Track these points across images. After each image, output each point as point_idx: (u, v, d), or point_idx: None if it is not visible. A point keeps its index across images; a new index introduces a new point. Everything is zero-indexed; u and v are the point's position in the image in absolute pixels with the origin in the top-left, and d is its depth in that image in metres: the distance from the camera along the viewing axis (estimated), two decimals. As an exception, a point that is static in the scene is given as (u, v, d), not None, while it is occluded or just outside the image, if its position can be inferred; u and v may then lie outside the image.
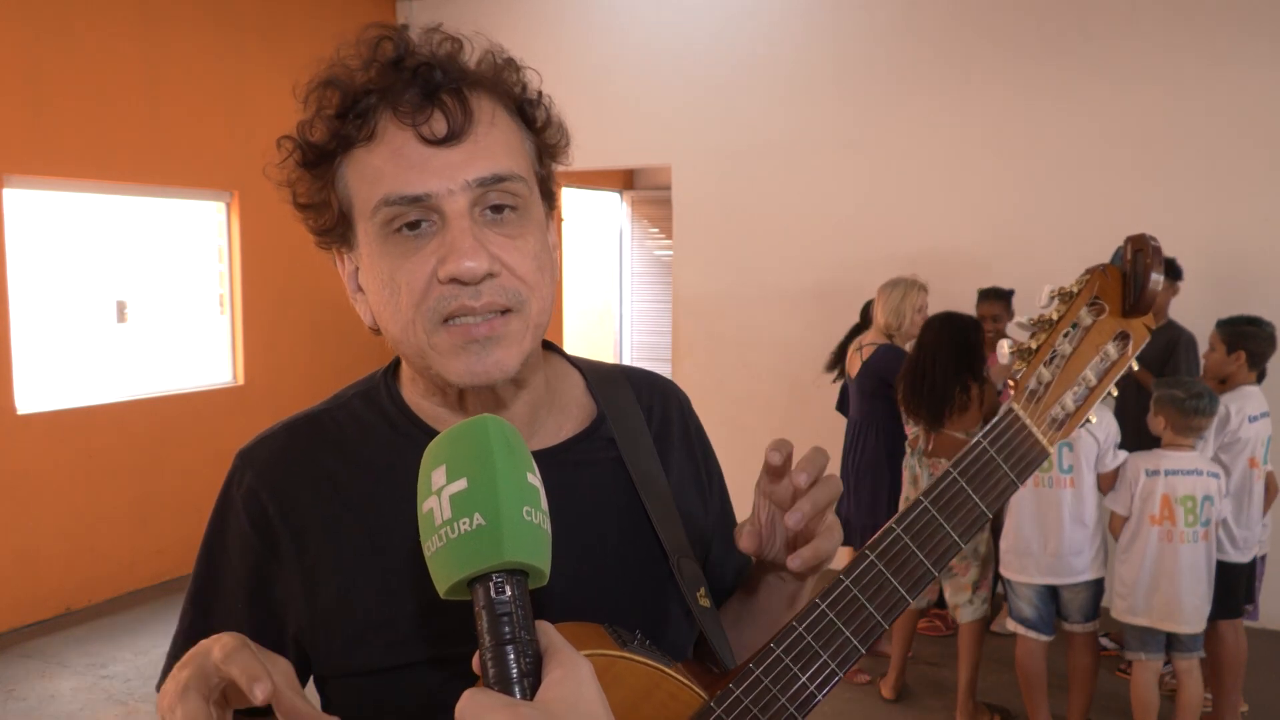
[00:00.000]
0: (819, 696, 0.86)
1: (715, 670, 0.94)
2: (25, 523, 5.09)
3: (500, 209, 0.87)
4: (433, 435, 0.72)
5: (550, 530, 0.69)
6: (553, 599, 0.86)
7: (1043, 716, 3.67)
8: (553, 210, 0.97)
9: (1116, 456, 3.52)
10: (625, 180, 9.39)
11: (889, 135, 5.68)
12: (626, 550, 0.97)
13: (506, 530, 0.64)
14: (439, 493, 0.67)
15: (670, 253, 7.28)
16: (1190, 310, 4.48)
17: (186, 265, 6.23)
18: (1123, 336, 0.97)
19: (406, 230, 0.85)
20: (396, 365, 1.01)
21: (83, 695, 4.34)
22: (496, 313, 0.86)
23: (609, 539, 0.96)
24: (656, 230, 9.29)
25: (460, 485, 0.66)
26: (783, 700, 0.85)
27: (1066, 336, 0.96)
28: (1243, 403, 3.79)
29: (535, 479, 0.69)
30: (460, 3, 6.73)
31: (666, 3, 6.24)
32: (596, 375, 1.07)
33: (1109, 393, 0.98)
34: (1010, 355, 0.97)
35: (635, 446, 1.01)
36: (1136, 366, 0.99)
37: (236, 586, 0.94)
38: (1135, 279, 0.95)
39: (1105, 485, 3.54)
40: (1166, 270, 4.34)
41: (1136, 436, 3.72)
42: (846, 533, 5.05)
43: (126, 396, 5.61)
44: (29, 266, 5.31)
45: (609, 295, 9.70)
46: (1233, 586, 3.62)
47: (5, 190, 4.95)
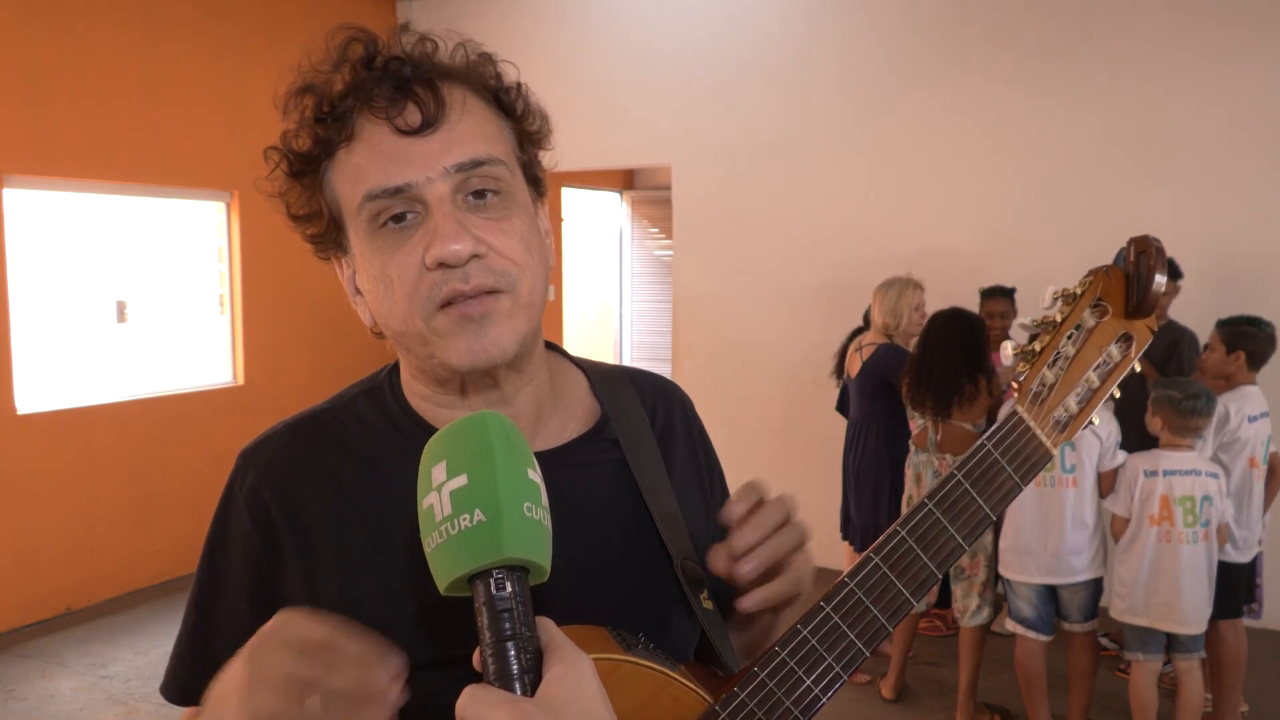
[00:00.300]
0: (823, 699, 0.87)
1: (719, 673, 0.94)
2: (25, 523, 5.09)
3: (483, 194, 0.87)
4: (433, 433, 0.72)
5: (551, 526, 0.69)
6: (555, 600, 0.86)
7: (1043, 716, 3.67)
8: (542, 196, 0.97)
9: (1116, 457, 3.52)
10: (625, 180, 9.39)
11: (889, 135, 5.68)
12: (630, 552, 0.97)
13: (507, 526, 0.64)
14: (439, 489, 0.67)
15: (670, 253, 7.28)
16: (1190, 310, 4.47)
17: (186, 265, 6.23)
18: (1125, 338, 0.97)
19: (392, 224, 0.86)
20: (399, 364, 1.01)
21: (83, 695, 4.34)
22: (488, 294, 0.86)
23: (612, 540, 0.96)
24: (656, 230, 9.29)
25: (460, 481, 0.66)
26: (787, 703, 0.86)
27: (1070, 338, 0.96)
28: (1242, 402, 3.79)
29: (536, 475, 0.69)
30: (460, 3, 6.73)
31: (666, 3, 6.24)
32: (600, 376, 1.07)
33: (1111, 394, 0.98)
34: (1014, 357, 0.97)
35: (638, 448, 1.01)
36: (1139, 368, 0.99)
37: (239, 586, 0.93)
38: (1138, 280, 0.95)
39: (1105, 485, 3.54)
40: (1167, 270, 4.33)
41: (1138, 436, 3.72)
42: (846, 532, 5.00)
43: (126, 396, 5.61)
44: (29, 266, 5.30)
45: (609, 295, 9.70)
46: (1233, 586, 3.62)
47: (5, 190, 4.95)
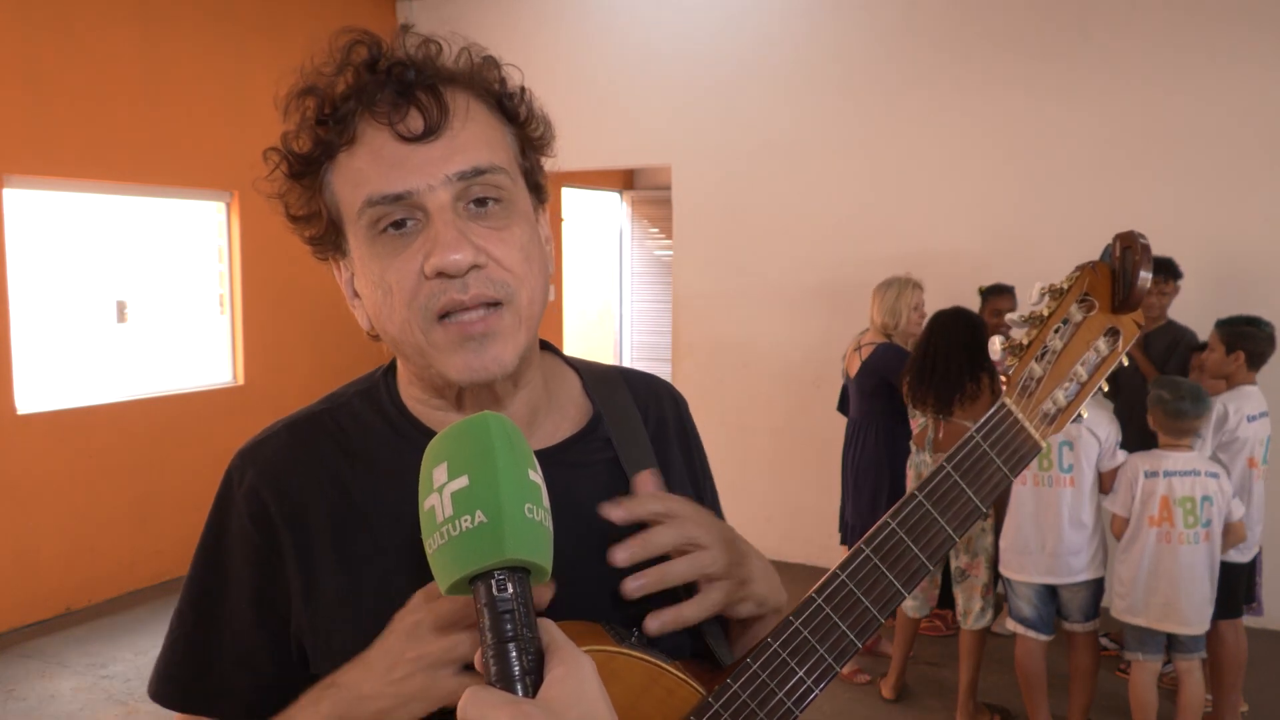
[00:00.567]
0: (816, 691, 0.87)
1: (712, 667, 0.94)
2: (25, 523, 5.09)
3: (484, 202, 0.87)
4: (430, 437, 0.72)
5: (552, 527, 0.69)
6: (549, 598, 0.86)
7: (1043, 716, 3.67)
8: (543, 203, 0.97)
9: (1116, 457, 3.52)
10: (625, 180, 9.39)
11: (890, 135, 5.68)
12: None
13: (508, 527, 0.64)
14: (440, 490, 0.67)
15: (670, 253, 7.28)
16: (1190, 310, 4.47)
17: (186, 265, 6.23)
18: (1113, 332, 0.98)
19: (392, 230, 0.86)
20: (394, 365, 1.01)
21: (83, 695, 4.34)
22: (487, 305, 0.86)
23: (604, 539, 0.96)
24: (656, 230, 9.29)
25: (462, 482, 0.66)
26: (779, 695, 0.86)
27: (1057, 332, 0.97)
28: (1241, 402, 3.79)
29: (537, 476, 0.69)
30: (460, 3, 6.73)
31: (666, 3, 6.24)
32: (593, 376, 1.07)
33: (1101, 389, 0.99)
34: (1002, 351, 0.98)
35: (631, 447, 1.01)
36: (1127, 362, 1.00)
37: (240, 586, 0.93)
38: (1124, 276, 0.96)
39: (1106, 485, 3.54)
40: (1166, 270, 4.33)
41: (1139, 437, 3.72)
42: (846, 533, 4.98)
43: (126, 396, 5.61)
44: (29, 266, 5.30)
45: (609, 295, 9.70)
46: (1233, 586, 3.62)
47: (5, 190, 4.95)
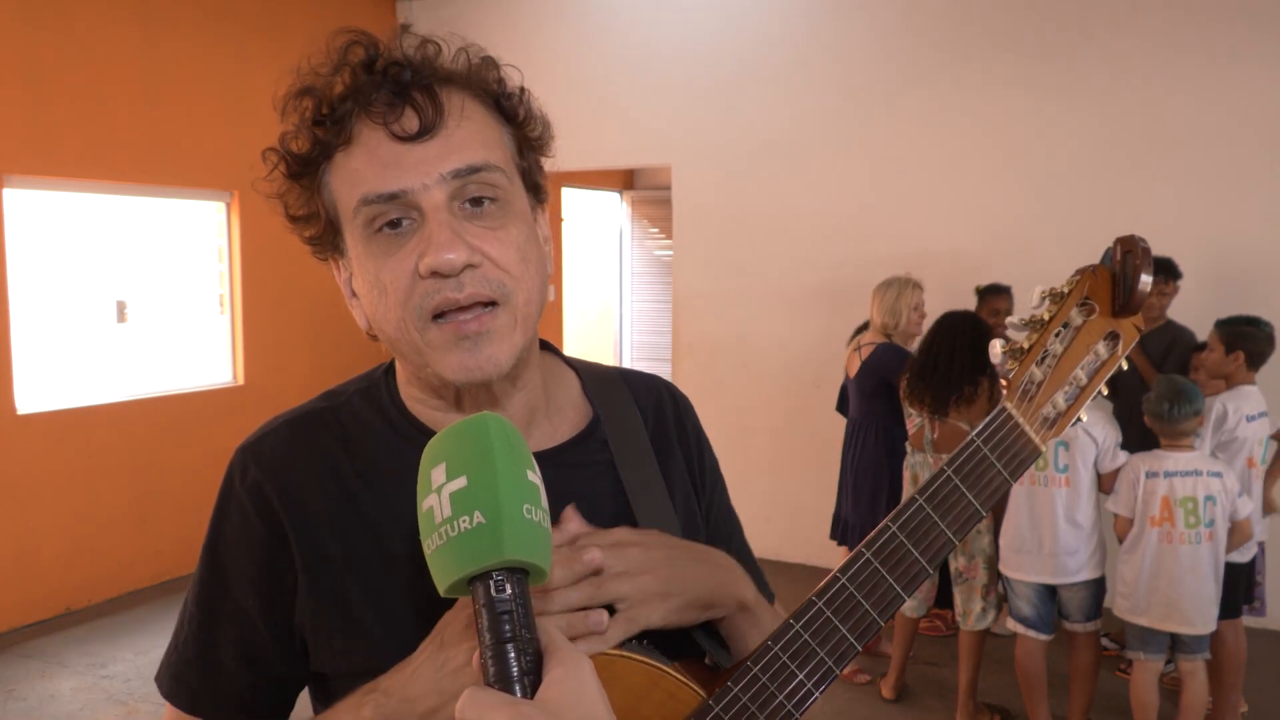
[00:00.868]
0: (816, 694, 0.87)
1: (712, 668, 0.94)
2: (25, 523, 5.09)
3: (480, 201, 0.87)
4: (429, 436, 0.72)
5: (551, 528, 0.69)
6: None
7: (1043, 716, 3.67)
8: (541, 203, 0.97)
9: (1117, 458, 3.51)
10: (625, 180, 9.39)
11: (890, 135, 5.68)
12: None
13: (507, 528, 0.64)
14: (439, 490, 0.67)
15: (670, 253, 7.28)
16: (1190, 310, 4.47)
17: (186, 265, 6.23)
18: (1113, 336, 0.98)
19: (388, 229, 0.86)
20: (394, 364, 1.01)
21: (83, 695, 4.34)
22: (482, 305, 0.86)
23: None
24: (656, 230, 9.29)
25: (460, 483, 0.66)
26: (780, 698, 0.86)
27: (1058, 336, 0.97)
28: (1240, 402, 3.80)
29: (535, 477, 0.69)
30: (460, 3, 6.73)
31: (666, 3, 6.24)
32: (593, 377, 1.06)
33: (1100, 392, 0.99)
34: (1002, 355, 0.98)
35: (629, 450, 1.01)
36: (1126, 366, 1.00)
37: (244, 583, 0.93)
38: (1125, 280, 0.96)
39: (1107, 486, 3.54)
40: (1166, 270, 4.33)
41: (1139, 438, 3.72)
42: (845, 533, 4.97)
43: (126, 396, 5.62)
44: (29, 266, 5.30)
45: (609, 295, 9.70)
46: (1232, 586, 3.62)
47: (5, 190, 4.95)
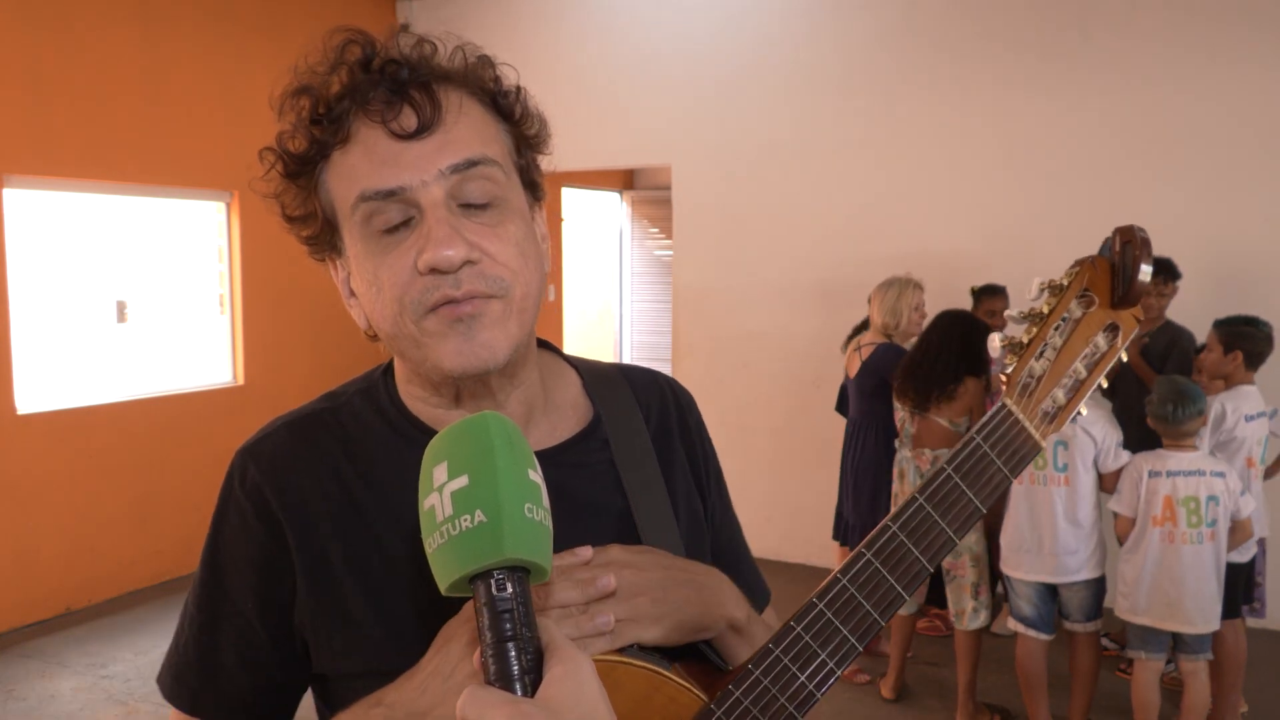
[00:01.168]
0: (818, 695, 0.87)
1: (713, 671, 0.94)
2: (25, 523, 5.09)
3: (478, 197, 0.87)
4: (429, 435, 0.72)
5: (552, 527, 0.69)
6: None
7: (1043, 716, 3.67)
8: (539, 201, 0.97)
9: (1119, 457, 3.51)
10: (625, 180, 9.39)
11: (890, 135, 5.68)
12: None
13: (507, 527, 0.64)
14: (440, 489, 0.67)
15: (670, 253, 7.28)
16: (1190, 310, 4.47)
17: (186, 265, 6.23)
18: (1112, 328, 0.96)
19: (386, 225, 0.86)
20: (393, 364, 1.01)
21: (83, 695, 4.34)
22: (480, 299, 0.86)
23: (601, 542, 0.95)
24: (656, 230, 9.30)
25: (461, 482, 0.66)
26: (782, 700, 0.86)
27: (1057, 329, 0.96)
28: (1239, 402, 3.79)
29: (536, 475, 0.69)
30: (460, 3, 6.73)
31: (666, 3, 6.24)
32: (593, 375, 1.06)
33: (1099, 386, 0.98)
34: (1001, 349, 0.97)
35: (630, 449, 1.01)
36: (1125, 358, 0.98)
37: (243, 584, 0.93)
38: (1124, 271, 0.94)
39: (1109, 486, 3.54)
40: (1165, 271, 4.34)
41: (1139, 438, 3.72)
42: (845, 533, 4.97)
43: (126, 396, 5.62)
44: (29, 266, 5.30)
45: (609, 295, 9.70)
46: (1232, 586, 3.62)
47: (5, 190, 4.95)
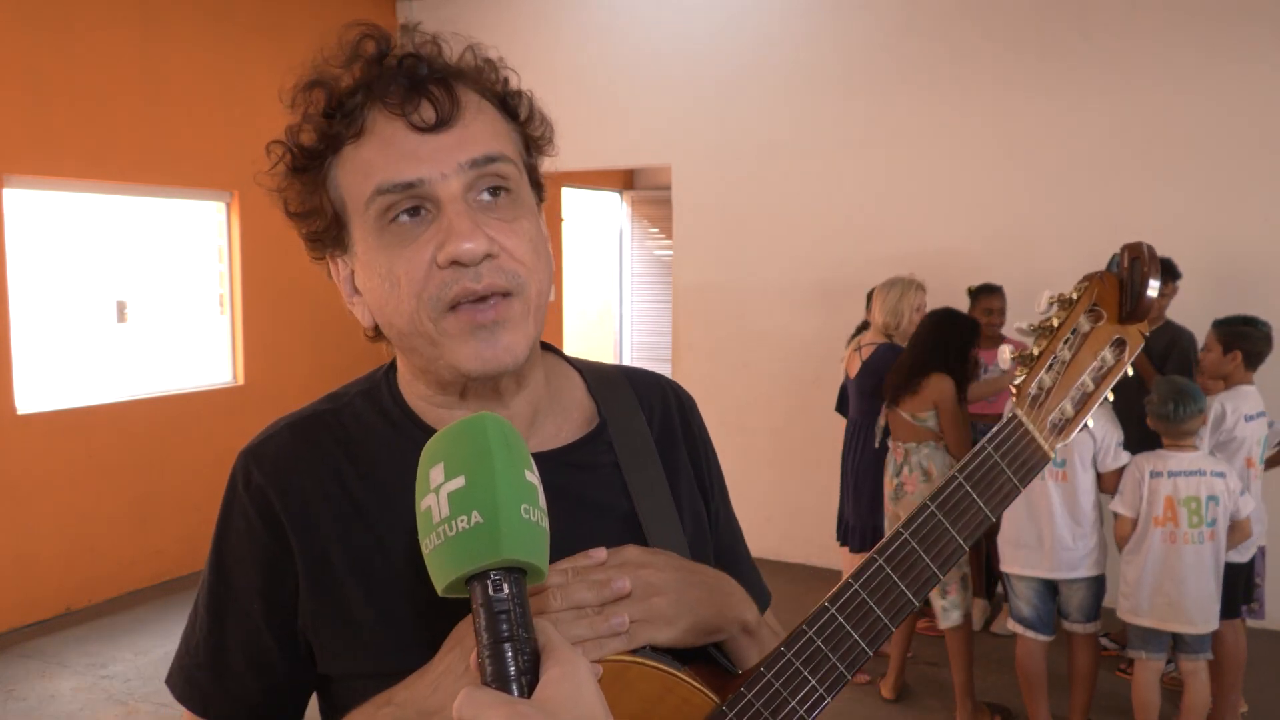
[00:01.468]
0: (828, 699, 0.88)
1: (722, 674, 0.94)
2: (25, 523, 5.09)
3: (495, 192, 0.88)
4: (432, 435, 0.72)
5: (548, 528, 0.69)
6: None
7: (1043, 716, 3.67)
8: (542, 202, 0.98)
9: (1119, 457, 3.51)
10: (625, 180, 9.39)
11: (890, 135, 5.68)
12: None
13: (504, 528, 0.64)
14: (437, 490, 0.67)
15: (670, 253, 7.28)
16: (1190, 310, 4.47)
17: (186, 265, 6.24)
18: (1119, 343, 0.99)
19: (405, 217, 0.86)
20: (395, 364, 1.01)
21: (83, 695, 4.34)
22: (499, 295, 0.86)
23: (606, 543, 0.95)
24: (656, 230, 9.30)
25: (458, 483, 0.66)
26: (792, 703, 0.87)
27: (1066, 343, 0.99)
28: (1238, 402, 3.79)
29: (533, 476, 0.69)
30: (460, 3, 6.73)
31: (666, 3, 6.24)
32: (597, 377, 1.06)
33: (1105, 396, 1.00)
34: (1012, 361, 1.00)
35: (634, 450, 1.01)
36: (1132, 371, 1.01)
37: (249, 586, 0.93)
38: (1131, 287, 0.97)
39: (1109, 486, 3.53)
40: (1165, 271, 4.34)
41: (1139, 438, 3.71)
42: (846, 533, 4.99)
43: (126, 396, 5.62)
44: (29, 266, 5.31)
45: (609, 295, 9.70)
46: (1231, 586, 3.62)
47: (5, 190, 4.96)
